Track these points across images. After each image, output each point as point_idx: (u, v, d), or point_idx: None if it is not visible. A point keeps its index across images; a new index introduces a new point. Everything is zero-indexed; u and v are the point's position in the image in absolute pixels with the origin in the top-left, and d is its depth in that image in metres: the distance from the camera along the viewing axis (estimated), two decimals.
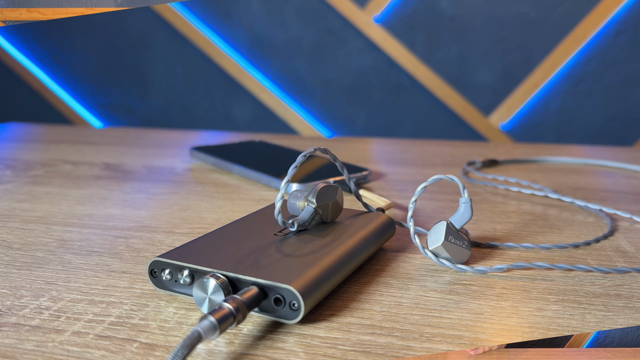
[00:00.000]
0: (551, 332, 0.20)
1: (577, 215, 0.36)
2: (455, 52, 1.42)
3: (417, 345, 0.19)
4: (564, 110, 1.43)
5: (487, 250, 0.29)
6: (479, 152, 0.60)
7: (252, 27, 1.52)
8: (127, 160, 0.52)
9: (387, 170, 0.49)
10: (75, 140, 0.64)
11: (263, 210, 0.29)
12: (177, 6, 1.53)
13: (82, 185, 0.42)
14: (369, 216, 0.29)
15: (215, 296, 0.20)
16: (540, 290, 0.24)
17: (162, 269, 0.22)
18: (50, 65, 1.66)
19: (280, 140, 0.64)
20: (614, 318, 0.21)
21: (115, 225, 0.32)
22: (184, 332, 0.20)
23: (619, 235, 0.32)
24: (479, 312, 0.22)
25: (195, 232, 0.31)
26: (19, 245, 0.29)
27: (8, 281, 0.24)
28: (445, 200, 0.39)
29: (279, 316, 0.20)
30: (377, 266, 0.26)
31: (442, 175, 0.27)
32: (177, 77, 1.60)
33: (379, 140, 0.69)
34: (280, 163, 0.47)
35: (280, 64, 1.53)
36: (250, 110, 1.58)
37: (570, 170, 0.51)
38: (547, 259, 0.28)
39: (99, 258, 0.27)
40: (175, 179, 0.45)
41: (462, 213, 0.27)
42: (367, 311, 0.22)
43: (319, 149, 0.26)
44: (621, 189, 0.44)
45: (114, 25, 1.59)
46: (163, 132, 0.72)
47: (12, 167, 0.48)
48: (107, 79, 1.65)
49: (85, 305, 0.22)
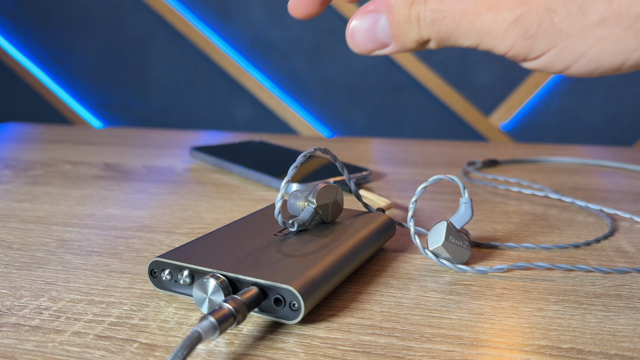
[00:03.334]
0: (551, 333, 0.20)
1: (577, 215, 0.36)
2: (456, 52, 1.42)
3: (417, 346, 0.19)
4: (564, 110, 1.43)
5: (487, 250, 0.29)
6: (479, 152, 0.60)
7: (252, 27, 1.52)
8: (127, 160, 0.52)
9: (387, 171, 0.49)
10: (75, 140, 0.64)
11: (263, 211, 0.29)
12: (177, 6, 1.53)
13: (82, 185, 0.42)
14: (369, 216, 0.29)
15: (215, 296, 0.20)
16: (540, 290, 0.24)
17: (162, 269, 0.22)
18: (50, 65, 1.66)
19: (280, 140, 0.64)
20: (615, 318, 0.21)
21: (115, 225, 0.32)
22: (184, 333, 0.20)
23: (620, 236, 0.32)
24: (480, 313, 0.22)
25: (195, 232, 0.31)
26: (19, 245, 0.29)
27: (8, 281, 0.24)
28: (446, 201, 0.39)
29: (279, 316, 0.20)
30: (377, 266, 0.26)
31: (443, 176, 0.26)
32: (177, 77, 1.60)
33: (379, 140, 0.69)
34: (280, 163, 0.47)
35: (280, 64, 1.53)
36: (250, 110, 1.58)
37: (571, 170, 0.51)
38: (547, 259, 0.28)
39: (99, 258, 0.27)
40: (175, 179, 0.45)
41: (462, 213, 0.27)
42: (367, 311, 0.22)
43: (319, 149, 0.26)
44: (621, 189, 0.44)
45: (114, 25, 1.59)
46: (163, 132, 0.72)
47: (12, 167, 0.48)
48: (107, 79, 1.65)
49: (85, 305, 0.22)
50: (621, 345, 0.19)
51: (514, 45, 0.18)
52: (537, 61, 0.19)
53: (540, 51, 0.18)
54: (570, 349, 0.19)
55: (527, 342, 0.19)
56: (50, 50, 1.65)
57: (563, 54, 0.18)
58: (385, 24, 0.20)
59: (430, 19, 0.19)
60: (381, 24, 0.20)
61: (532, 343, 0.19)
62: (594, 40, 0.17)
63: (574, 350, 0.19)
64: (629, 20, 0.17)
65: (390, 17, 0.20)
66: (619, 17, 0.17)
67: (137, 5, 1.55)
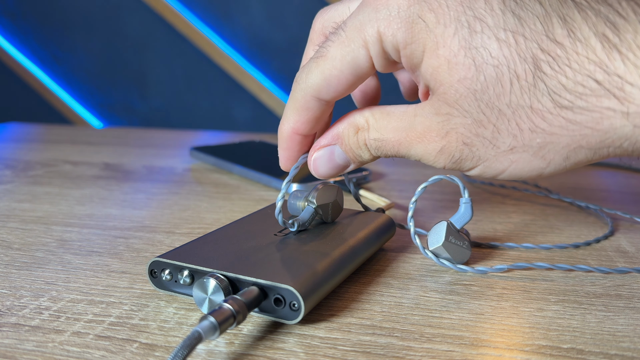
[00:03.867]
0: (551, 333, 0.20)
1: (577, 215, 0.36)
2: None
3: (417, 346, 0.19)
4: None
5: (487, 250, 0.29)
6: None
7: (252, 27, 1.52)
8: (127, 160, 0.52)
9: (387, 171, 0.49)
10: (75, 140, 0.64)
11: (263, 211, 0.29)
12: (177, 6, 1.53)
13: (82, 185, 0.42)
14: (369, 216, 0.29)
15: (215, 296, 0.20)
16: (540, 290, 0.24)
17: (162, 269, 0.22)
18: (50, 65, 1.66)
19: None
20: (615, 318, 0.21)
21: (115, 225, 0.32)
22: (184, 333, 0.20)
23: (620, 236, 0.32)
24: (480, 313, 0.22)
25: (195, 232, 0.31)
26: (19, 245, 0.29)
27: (8, 281, 0.24)
28: (446, 201, 0.39)
29: (279, 316, 0.20)
30: (377, 266, 0.26)
31: (443, 176, 0.26)
32: (177, 77, 1.60)
33: None
34: None
35: (280, 64, 1.53)
36: (250, 110, 1.58)
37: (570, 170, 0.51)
38: (547, 259, 0.28)
39: (99, 258, 0.27)
40: (175, 179, 0.45)
41: (462, 213, 0.27)
42: (368, 311, 0.22)
43: None
44: (621, 189, 0.44)
45: (114, 25, 1.59)
46: (163, 132, 0.72)
47: (12, 167, 0.48)
48: (107, 79, 1.65)
49: (85, 305, 0.22)
50: (621, 345, 0.19)
51: (446, 165, 0.22)
52: (470, 172, 0.22)
53: (468, 168, 0.22)
54: (570, 349, 0.19)
55: (527, 342, 0.19)
56: (50, 50, 1.65)
57: (487, 170, 0.21)
58: (341, 152, 0.24)
59: (375, 146, 0.23)
60: (337, 153, 0.24)
61: (532, 343, 0.19)
62: (509, 162, 0.21)
63: (574, 350, 0.19)
64: (533, 149, 0.20)
65: (343, 147, 0.24)
66: (525, 147, 0.20)
67: (137, 6, 1.55)
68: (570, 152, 0.20)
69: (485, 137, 0.20)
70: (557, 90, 0.18)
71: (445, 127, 0.21)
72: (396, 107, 0.23)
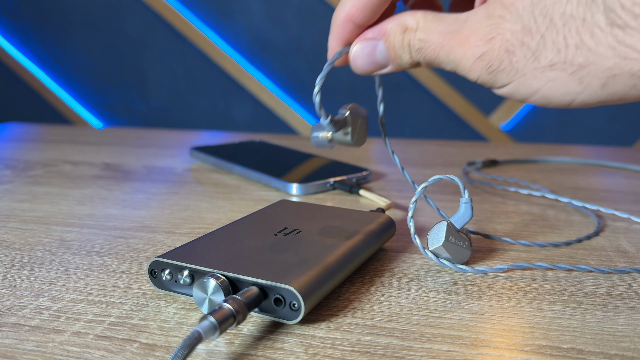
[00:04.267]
0: (551, 333, 0.20)
1: (577, 215, 0.36)
2: None
3: (417, 346, 0.19)
4: (563, 110, 1.42)
5: (487, 250, 0.29)
6: (479, 152, 0.60)
7: (252, 27, 1.52)
8: (127, 160, 0.52)
9: (387, 170, 0.49)
10: (75, 140, 0.64)
11: (263, 211, 0.29)
12: (177, 6, 1.53)
13: (82, 185, 0.42)
14: (369, 216, 0.29)
15: (215, 296, 0.20)
16: (540, 290, 0.24)
17: (162, 269, 0.22)
18: (50, 65, 1.66)
19: (280, 140, 0.64)
20: (615, 318, 0.21)
21: (115, 225, 0.32)
22: (184, 333, 0.20)
23: (619, 236, 0.32)
24: (480, 313, 0.22)
25: (195, 232, 0.31)
26: (19, 245, 0.29)
27: (8, 281, 0.24)
28: (446, 201, 0.39)
29: (279, 316, 0.20)
30: (377, 266, 0.26)
31: (443, 176, 0.26)
32: (177, 77, 1.60)
33: (379, 140, 0.69)
34: (280, 163, 0.47)
35: (280, 64, 1.53)
36: (250, 110, 1.58)
37: (571, 170, 0.51)
38: (547, 259, 0.28)
39: (99, 258, 0.27)
40: (175, 179, 0.45)
41: (462, 213, 0.27)
42: (368, 311, 0.22)
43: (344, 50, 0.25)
44: (621, 189, 0.44)
45: (114, 25, 1.59)
46: (163, 132, 0.72)
47: (12, 167, 0.48)
48: (107, 79, 1.65)
49: (85, 305, 0.22)
50: (621, 345, 0.19)
51: (480, 76, 0.21)
52: (501, 90, 0.22)
53: (502, 84, 0.21)
54: (570, 349, 0.19)
55: (527, 342, 0.19)
56: (50, 50, 1.65)
57: (520, 88, 0.21)
58: (383, 49, 0.24)
59: (418, 46, 0.22)
60: (380, 49, 0.24)
61: (532, 343, 0.19)
62: (545, 80, 0.20)
63: (574, 350, 0.19)
64: (573, 68, 0.19)
65: (387, 43, 0.23)
66: (565, 64, 0.20)
67: (137, 5, 1.55)
68: (609, 79, 0.19)
69: (530, 48, 0.20)
70: (613, 6, 0.18)
71: (493, 32, 0.20)
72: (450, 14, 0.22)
